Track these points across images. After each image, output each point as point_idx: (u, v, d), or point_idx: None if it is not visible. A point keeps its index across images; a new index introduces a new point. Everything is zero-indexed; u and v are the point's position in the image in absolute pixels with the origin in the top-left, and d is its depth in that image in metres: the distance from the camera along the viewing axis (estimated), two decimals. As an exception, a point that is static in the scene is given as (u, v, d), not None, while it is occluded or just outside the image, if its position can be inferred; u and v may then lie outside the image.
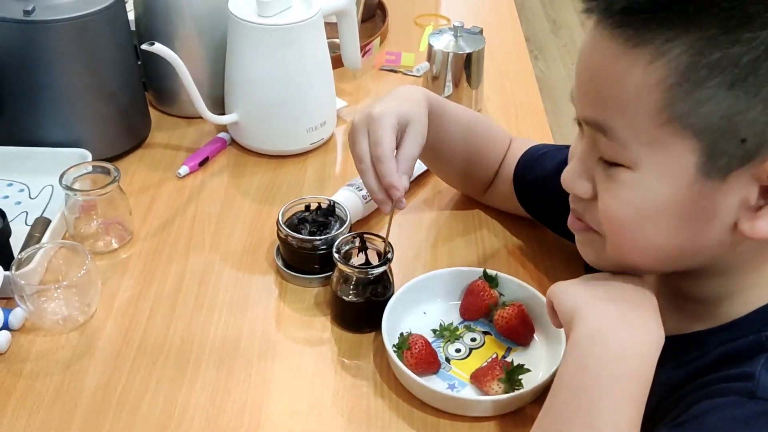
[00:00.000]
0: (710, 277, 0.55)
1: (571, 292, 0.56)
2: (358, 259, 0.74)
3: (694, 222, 0.50)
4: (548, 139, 1.00)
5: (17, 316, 0.70)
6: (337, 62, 1.00)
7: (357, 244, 0.74)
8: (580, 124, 0.55)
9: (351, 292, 0.71)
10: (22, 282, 0.68)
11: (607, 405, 0.50)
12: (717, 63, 0.44)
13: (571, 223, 0.59)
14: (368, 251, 0.74)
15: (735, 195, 0.48)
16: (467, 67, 1.01)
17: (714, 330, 0.55)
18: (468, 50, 1.01)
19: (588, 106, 0.51)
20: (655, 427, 0.52)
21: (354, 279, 0.71)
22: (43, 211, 0.83)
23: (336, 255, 0.71)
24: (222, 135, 0.97)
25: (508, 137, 0.83)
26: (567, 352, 0.53)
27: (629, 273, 0.57)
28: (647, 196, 0.50)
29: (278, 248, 0.79)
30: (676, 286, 0.59)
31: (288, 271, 0.77)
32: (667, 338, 0.55)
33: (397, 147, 0.69)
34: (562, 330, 0.59)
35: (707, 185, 0.48)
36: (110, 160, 0.87)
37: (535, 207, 0.80)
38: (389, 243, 0.72)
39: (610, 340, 0.52)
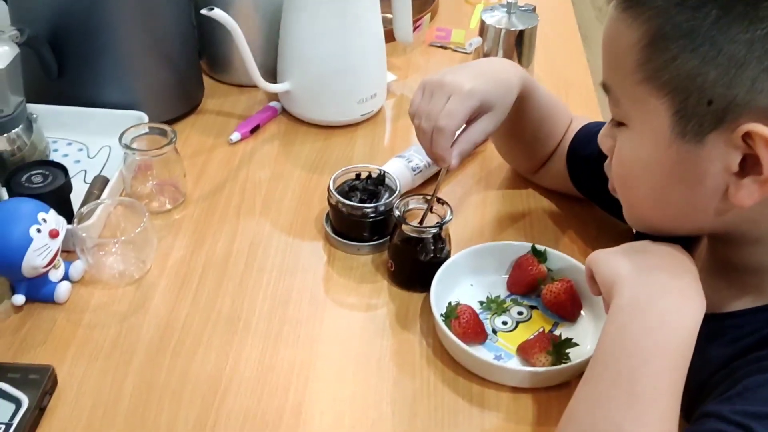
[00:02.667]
0: (750, 245, 0.55)
1: (611, 260, 0.56)
2: (416, 219, 0.74)
3: (682, 182, 0.52)
4: (597, 117, 0.99)
5: (77, 268, 0.72)
6: (387, 37, 1.01)
7: (419, 204, 0.74)
8: None
9: (408, 249, 0.72)
10: (84, 235, 0.70)
11: (648, 372, 0.50)
12: (680, 25, 0.48)
13: (609, 186, 0.61)
14: (427, 213, 0.74)
15: (717, 160, 0.50)
16: (519, 44, 1.01)
17: (764, 307, 0.54)
18: (521, 27, 1.00)
19: (603, 70, 0.56)
20: (704, 403, 0.52)
21: (410, 237, 0.72)
22: (101, 170, 0.86)
23: (397, 211, 0.72)
24: (273, 104, 0.98)
25: (570, 116, 0.83)
26: (608, 320, 0.54)
27: (668, 241, 0.57)
28: (635, 152, 0.54)
29: (327, 215, 0.80)
30: (724, 257, 0.59)
31: (337, 237, 0.78)
32: (718, 315, 0.55)
33: (468, 123, 0.71)
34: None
35: (684, 146, 0.50)
36: (164, 123, 0.89)
37: (586, 184, 0.80)
38: (449, 205, 0.72)
39: (652, 308, 0.52)
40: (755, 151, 0.48)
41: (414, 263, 0.72)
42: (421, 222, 0.73)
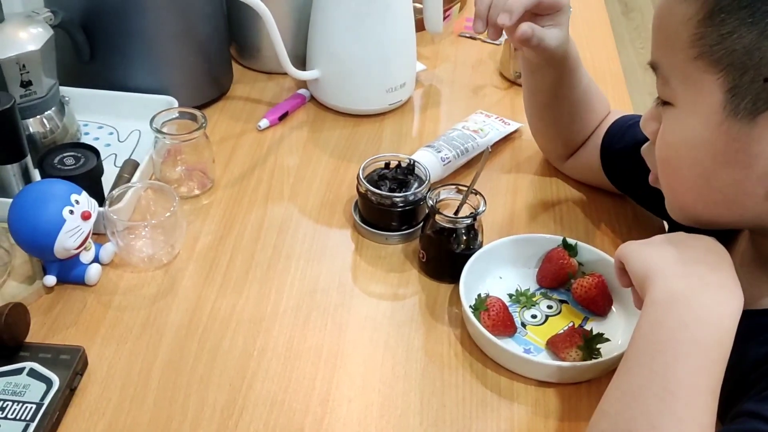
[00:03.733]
0: None
1: (644, 252, 0.55)
2: (451, 210, 0.74)
3: (731, 165, 0.51)
4: (628, 111, 0.97)
5: (107, 251, 0.73)
6: (417, 26, 1.00)
7: (451, 194, 0.74)
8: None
9: (440, 240, 0.72)
10: (115, 217, 0.71)
11: (684, 368, 0.49)
12: None
13: (651, 177, 0.60)
14: (464, 203, 0.74)
15: None
16: (551, 36, 0.99)
17: None
18: (554, 19, 0.98)
19: (652, 49, 0.55)
20: (741, 401, 0.51)
21: (443, 227, 0.71)
22: (131, 154, 0.86)
23: (430, 201, 0.71)
24: (301, 91, 0.98)
25: (608, 107, 0.82)
26: (643, 314, 0.52)
27: (703, 233, 0.56)
28: (684, 133, 0.53)
29: (356, 203, 0.80)
30: (765, 251, 0.57)
31: (365, 226, 0.78)
32: (756, 311, 0.54)
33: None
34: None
35: (736, 126, 0.49)
36: (193, 108, 0.89)
37: (620, 176, 0.79)
38: (483, 196, 0.72)
39: (689, 302, 0.50)
40: None
41: (447, 254, 0.72)
42: (456, 213, 0.72)
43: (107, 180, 0.79)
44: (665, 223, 0.78)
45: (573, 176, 0.85)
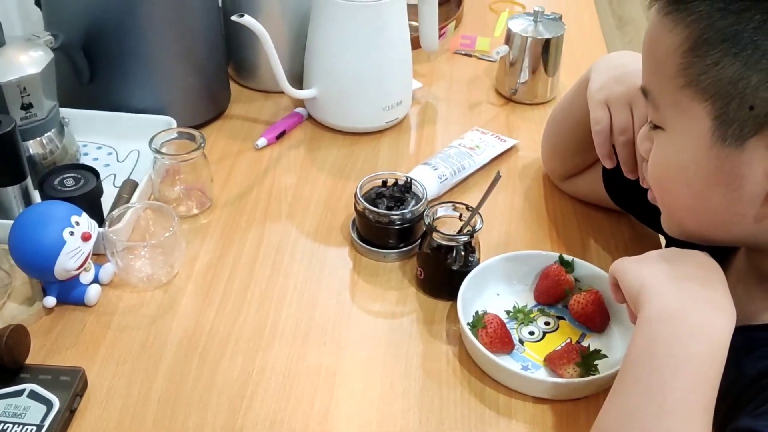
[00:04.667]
0: None
1: (637, 268, 0.56)
2: (447, 228, 0.74)
3: (721, 187, 0.52)
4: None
5: (107, 271, 0.73)
6: (413, 44, 1.01)
7: (448, 212, 0.75)
8: None
9: (438, 257, 0.72)
10: (114, 238, 0.71)
11: (679, 385, 0.49)
12: (723, 30, 0.48)
13: (649, 194, 0.60)
14: (459, 221, 0.74)
15: (757, 165, 0.50)
16: (545, 53, 1.01)
17: None
18: (547, 36, 1.00)
19: (642, 75, 0.56)
20: (737, 417, 0.52)
21: (441, 245, 0.72)
22: (130, 174, 0.86)
23: (427, 219, 0.72)
24: (299, 110, 0.99)
25: None
26: (636, 331, 0.53)
27: (695, 248, 0.56)
28: (673, 156, 0.54)
29: (354, 221, 0.81)
30: (761, 267, 0.58)
31: (363, 244, 0.79)
32: (753, 326, 0.54)
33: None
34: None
35: (724, 150, 0.50)
36: (191, 128, 0.90)
37: (621, 194, 0.79)
38: (480, 214, 0.72)
39: (682, 320, 0.51)
40: None
41: (444, 271, 0.72)
42: (459, 231, 0.73)
43: (106, 200, 0.79)
44: (662, 238, 0.78)
45: (571, 193, 0.86)
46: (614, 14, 3.19)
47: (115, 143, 0.91)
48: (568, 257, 0.73)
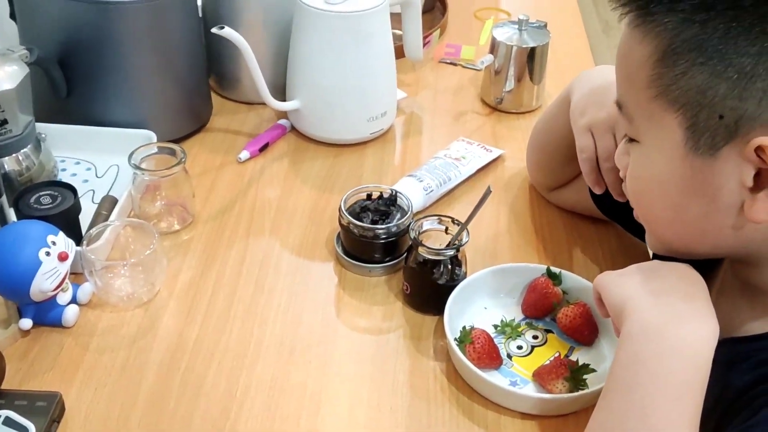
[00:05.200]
0: None
1: (620, 283, 0.55)
2: (433, 241, 0.73)
3: (698, 197, 0.51)
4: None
5: (85, 291, 0.71)
6: (397, 53, 1.00)
7: (434, 225, 0.74)
8: None
9: (424, 272, 0.71)
10: (93, 257, 0.69)
11: (662, 401, 0.49)
12: (689, 40, 0.48)
13: (635, 212, 0.60)
14: (445, 234, 0.74)
15: (731, 175, 0.49)
16: (530, 61, 1.00)
17: None
18: (532, 44, 0.99)
19: (616, 87, 0.55)
20: (726, 430, 0.51)
21: (427, 259, 0.71)
22: (109, 190, 0.85)
23: (413, 233, 0.71)
24: (282, 122, 0.97)
25: None
26: (620, 346, 0.52)
27: (678, 261, 0.56)
28: (649, 168, 0.54)
29: (338, 236, 0.79)
30: (745, 277, 0.57)
31: (348, 259, 0.77)
32: (739, 338, 0.54)
33: None
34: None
35: (698, 160, 0.50)
36: (173, 142, 0.88)
37: (609, 205, 0.78)
38: (466, 228, 0.71)
39: (665, 334, 0.51)
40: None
41: (431, 286, 0.71)
42: (448, 246, 0.72)
43: (85, 216, 0.78)
44: (650, 248, 0.78)
45: (558, 204, 0.85)
46: (600, 18, 3.20)
47: (94, 158, 0.89)
48: (555, 269, 0.72)
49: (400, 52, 1.04)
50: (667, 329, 0.51)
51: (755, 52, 0.46)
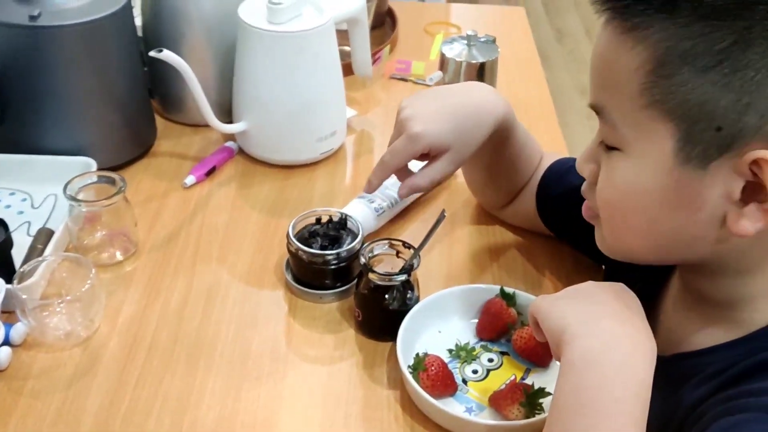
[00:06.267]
0: (727, 277, 0.53)
1: (555, 309, 0.54)
2: (384, 266, 0.72)
3: (680, 210, 0.50)
4: (561, 148, 0.98)
5: (18, 331, 0.68)
6: (346, 70, 0.98)
7: (385, 249, 0.72)
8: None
9: (376, 298, 0.69)
10: (24, 296, 0.66)
11: (606, 428, 0.48)
12: (690, 50, 0.46)
13: (584, 210, 0.59)
14: (396, 258, 0.72)
15: (718, 187, 0.48)
16: (480, 76, 0.99)
17: (736, 342, 0.53)
18: (481, 59, 0.99)
19: (593, 91, 0.53)
20: None
21: (378, 285, 0.69)
22: (46, 221, 0.81)
23: (362, 259, 0.69)
24: (229, 144, 0.95)
25: (541, 153, 0.81)
26: (560, 376, 0.51)
27: (614, 282, 0.55)
28: (633, 178, 0.51)
29: (288, 262, 0.77)
30: (697, 288, 0.57)
31: (298, 286, 0.75)
32: (688, 353, 0.53)
33: (430, 160, 0.72)
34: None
35: (687, 173, 0.48)
36: (115, 168, 0.85)
37: (557, 222, 0.78)
38: (418, 251, 0.70)
39: (604, 362, 0.50)
40: (761, 178, 0.46)
41: (383, 312, 0.69)
42: (400, 271, 0.70)
43: (20, 250, 0.74)
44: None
45: (511, 222, 0.85)
46: (552, 26, 3.25)
47: (30, 188, 0.85)
48: (509, 290, 0.71)
49: (349, 70, 1.02)
50: (607, 355, 0.50)
51: (763, 65, 0.44)
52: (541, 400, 0.63)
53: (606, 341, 0.50)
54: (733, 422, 0.46)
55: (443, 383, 0.64)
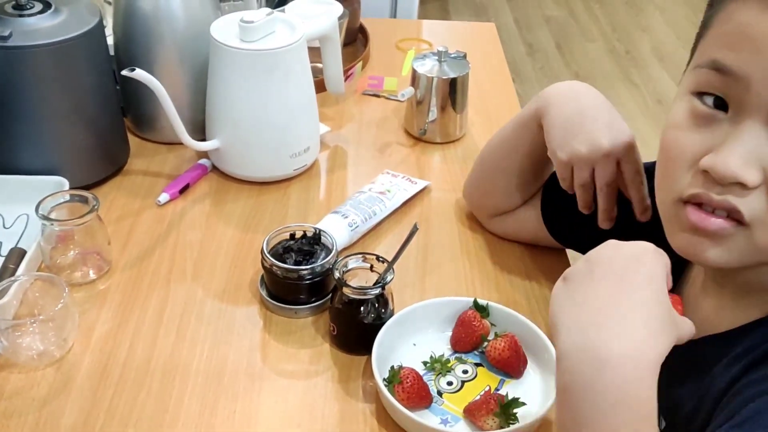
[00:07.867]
0: None
1: (555, 300, 0.51)
2: (359, 280, 0.72)
3: None
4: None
5: (-10, 352, 0.67)
6: (319, 87, 0.99)
7: (359, 263, 0.72)
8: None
9: (350, 312, 0.70)
10: (-4, 317, 0.65)
11: (601, 417, 0.45)
12: None
13: (702, 220, 0.52)
14: (370, 272, 0.72)
15: None
16: (452, 92, 1.01)
17: (763, 320, 0.52)
18: (453, 75, 1.00)
19: (756, 84, 0.48)
20: (715, 425, 0.50)
21: (352, 299, 0.70)
22: (18, 240, 0.80)
23: (337, 274, 0.69)
24: (203, 161, 0.95)
25: None
26: (556, 367, 0.48)
27: (639, 247, 0.51)
28: None
29: (262, 278, 0.77)
30: (733, 276, 0.55)
31: (273, 301, 0.75)
32: (720, 334, 0.54)
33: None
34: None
35: None
36: (88, 187, 0.85)
37: (565, 228, 0.78)
38: (391, 265, 0.70)
39: (589, 354, 0.46)
40: None
41: (357, 326, 0.70)
42: (374, 284, 0.70)
43: (-9, 272, 0.73)
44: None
45: (497, 231, 0.85)
46: (524, 41, 3.30)
47: (2, 208, 0.84)
48: (482, 302, 0.72)
49: (322, 86, 1.03)
50: (591, 350, 0.46)
51: None
52: (515, 410, 0.63)
53: (585, 360, 0.47)
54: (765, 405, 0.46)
55: (418, 395, 0.65)
